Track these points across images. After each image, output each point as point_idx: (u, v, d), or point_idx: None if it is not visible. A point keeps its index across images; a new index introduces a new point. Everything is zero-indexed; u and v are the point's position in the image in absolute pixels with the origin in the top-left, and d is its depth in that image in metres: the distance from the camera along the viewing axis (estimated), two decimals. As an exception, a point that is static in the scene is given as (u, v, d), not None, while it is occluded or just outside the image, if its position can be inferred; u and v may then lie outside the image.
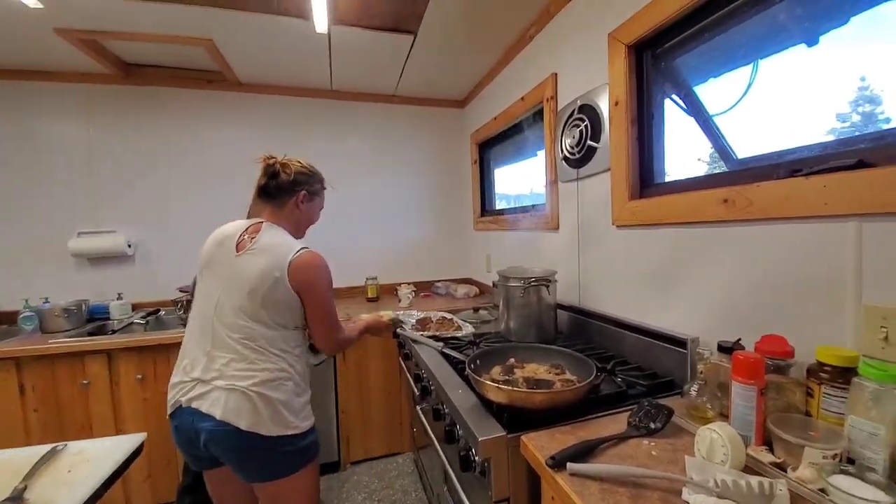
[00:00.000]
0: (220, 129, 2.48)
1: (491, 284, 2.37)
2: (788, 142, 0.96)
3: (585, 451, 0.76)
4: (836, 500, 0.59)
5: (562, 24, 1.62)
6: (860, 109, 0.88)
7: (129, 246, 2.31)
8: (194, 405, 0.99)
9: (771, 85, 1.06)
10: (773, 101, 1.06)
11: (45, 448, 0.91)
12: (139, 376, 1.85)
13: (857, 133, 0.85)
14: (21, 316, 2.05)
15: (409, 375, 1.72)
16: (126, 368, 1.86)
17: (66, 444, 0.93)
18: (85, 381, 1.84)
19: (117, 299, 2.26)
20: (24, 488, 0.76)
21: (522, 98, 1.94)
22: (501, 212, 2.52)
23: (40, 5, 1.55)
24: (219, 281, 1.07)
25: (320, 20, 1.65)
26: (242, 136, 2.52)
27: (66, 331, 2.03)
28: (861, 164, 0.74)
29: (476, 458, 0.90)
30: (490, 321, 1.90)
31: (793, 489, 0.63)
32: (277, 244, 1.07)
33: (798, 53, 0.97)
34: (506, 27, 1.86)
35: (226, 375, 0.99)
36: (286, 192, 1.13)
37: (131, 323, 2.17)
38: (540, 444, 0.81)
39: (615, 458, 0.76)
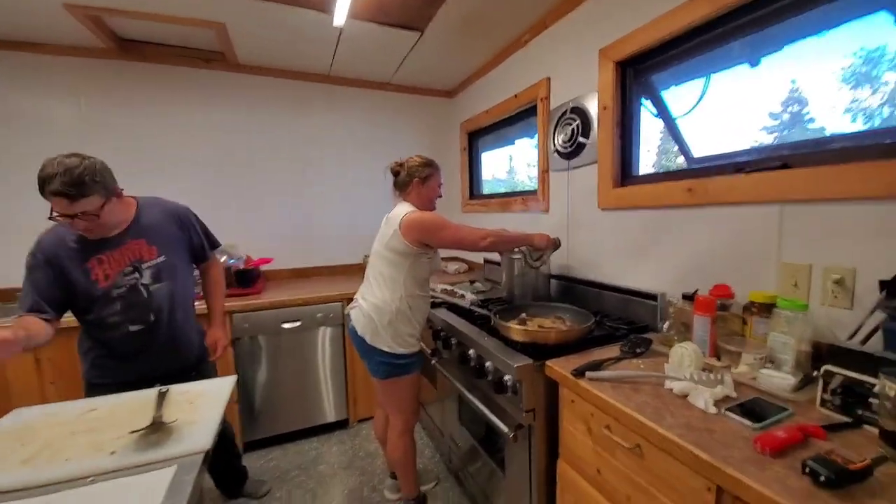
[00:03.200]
0: (212, 108, 2.50)
1: (482, 262, 2.64)
2: (733, 141, 1.29)
3: (596, 366, 1.05)
4: (762, 381, 0.92)
5: (556, 34, 1.88)
6: (790, 110, 1.21)
7: (128, 223, 2.31)
8: (351, 313, 1.54)
9: (719, 95, 1.38)
10: (721, 108, 1.38)
11: (151, 391, 1.06)
12: (158, 346, 1.94)
13: (781, 140, 1.20)
14: (23, 291, 2.03)
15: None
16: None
17: (168, 388, 1.07)
18: (101, 353, 1.90)
19: (117, 276, 2.27)
20: (162, 416, 0.92)
21: (516, 95, 2.19)
22: (491, 195, 2.78)
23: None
24: (377, 238, 1.56)
25: (340, 14, 1.78)
26: (235, 116, 2.55)
27: (70, 306, 2.04)
28: (784, 166, 1.07)
29: (508, 382, 1.18)
30: (485, 291, 2.17)
31: (735, 378, 0.96)
32: (397, 214, 1.48)
33: (743, 71, 1.29)
34: (503, 31, 2.09)
35: (363, 296, 1.51)
36: (405, 184, 1.55)
37: (138, 298, 2.20)
38: (561, 366, 1.10)
39: (616, 370, 1.05)
